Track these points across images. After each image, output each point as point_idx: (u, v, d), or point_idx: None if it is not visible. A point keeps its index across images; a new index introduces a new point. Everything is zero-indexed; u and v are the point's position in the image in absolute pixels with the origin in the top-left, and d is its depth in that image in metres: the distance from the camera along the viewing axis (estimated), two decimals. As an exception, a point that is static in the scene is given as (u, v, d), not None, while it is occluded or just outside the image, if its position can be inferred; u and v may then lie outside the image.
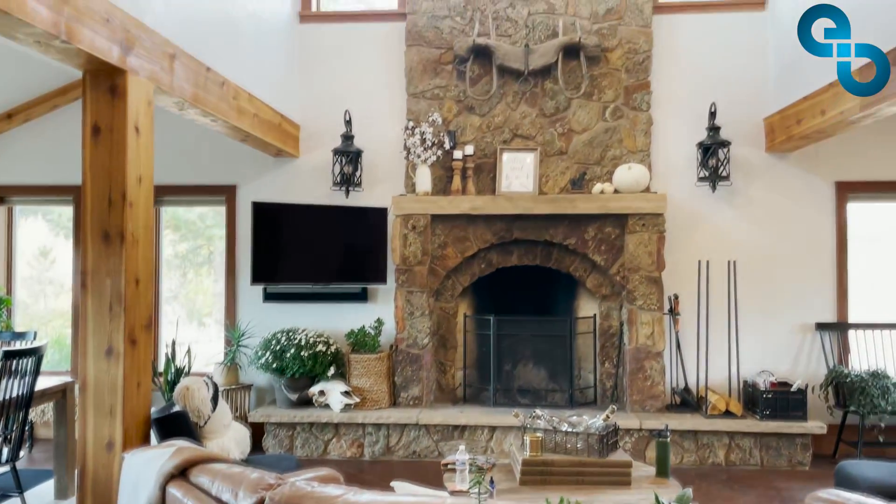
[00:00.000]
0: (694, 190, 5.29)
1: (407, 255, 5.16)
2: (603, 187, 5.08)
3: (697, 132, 5.25)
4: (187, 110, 3.87)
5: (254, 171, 5.63)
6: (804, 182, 5.29)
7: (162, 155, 5.37)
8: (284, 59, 5.33)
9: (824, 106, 4.29)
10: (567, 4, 5.28)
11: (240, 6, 4.46)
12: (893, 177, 5.23)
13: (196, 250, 6.12)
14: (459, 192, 5.18)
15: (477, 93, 5.30)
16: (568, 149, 5.29)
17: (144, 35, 3.24)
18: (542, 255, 5.31)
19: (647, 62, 5.25)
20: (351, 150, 5.32)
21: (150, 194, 3.36)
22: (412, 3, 5.38)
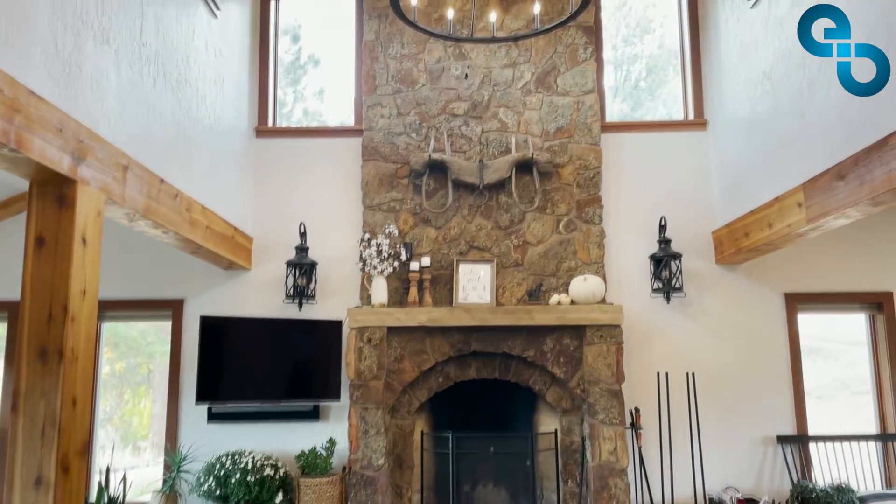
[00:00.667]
0: (649, 301, 5.33)
1: (362, 369, 4.98)
2: (560, 298, 5.07)
3: (649, 244, 5.35)
4: (138, 222, 3.75)
5: (204, 284, 5.46)
6: (755, 293, 5.39)
7: (107, 268, 5.23)
8: (239, 171, 5.31)
9: (771, 219, 4.44)
10: (519, 123, 5.45)
11: (196, 120, 4.45)
12: (840, 288, 5.38)
13: (135, 369, 5.81)
14: (416, 304, 5.09)
15: (433, 206, 5.33)
16: (524, 260, 5.30)
17: (98, 145, 3.16)
18: (501, 367, 5.20)
19: (597, 178, 5.40)
20: (305, 262, 5.23)
21: (93, 309, 3.18)
22: (369, 120, 5.48)
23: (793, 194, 4.12)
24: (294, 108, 6.09)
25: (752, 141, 4.75)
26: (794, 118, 4.11)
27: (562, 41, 5.53)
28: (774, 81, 4.38)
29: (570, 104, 5.46)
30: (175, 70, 4.10)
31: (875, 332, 5.44)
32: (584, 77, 5.49)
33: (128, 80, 3.51)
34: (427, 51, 5.55)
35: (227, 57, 5.07)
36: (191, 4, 4.38)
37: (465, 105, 5.47)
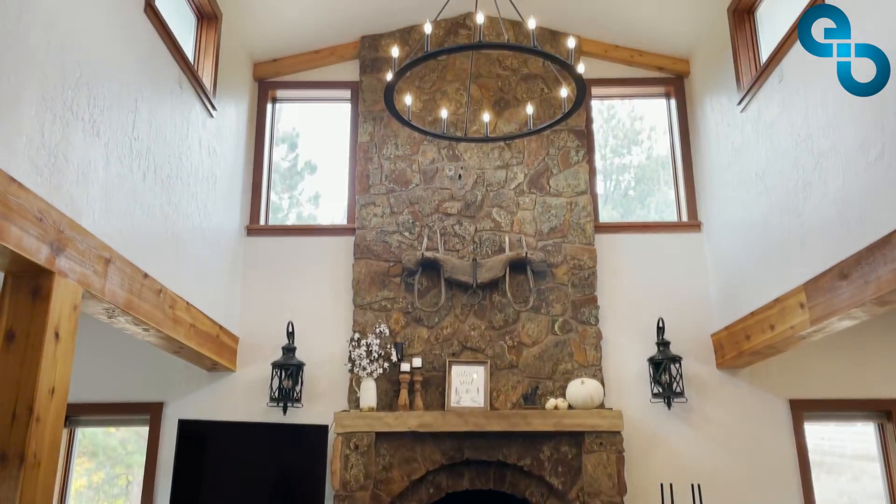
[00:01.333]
0: (649, 407, 5.12)
1: (348, 479, 4.69)
2: (556, 402, 4.86)
3: (648, 347, 5.20)
4: (118, 318, 3.60)
5: (185, 386, 5.23)
6: (758, 400, 5.18)
7: (81, 367, 5.01)
8: (228, 269, 5.20)
9: (772, 321, 4.32)
10: (512, 223, 5.42)
11: (185, 216, 4.39)
12: (847, 395, 5.18)
13: (113, 480, 5.48)
14: (406, 408, 4.86)
15: (425, 305, 5.21)
16: (519, 362, 5.13)
17: (79, 237, 3.06)
18: (496, 478, 4.91)
19: (592, 278, 5.31)
20: (292, 363, 5.04)
21: (61, 409, 2.99)
22: (361, 219, 5.45)
23: (794, 295, 4.03)
24: (289, 214, 6.07)
25: (749, 242, 4.71)
26: (791, 218, 4.08)
27: (554, 144, 5.59)
28: (768, 182, 4.38)
29: (564, 205, 5.45)
30: (166, 165, 4.08)
31: (886, 443, 5.19)
32: (577, 179, 5.52)
33: (116, 172, 3.46)
34: (421, 152, 5.59)
35: (221, 156, 5.08)
36: (186, 103, 4.41)
37: (459, 205, 5.45)
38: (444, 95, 5.68)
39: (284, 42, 5.75)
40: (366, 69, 5.81)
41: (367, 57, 5.83)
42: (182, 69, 4.31)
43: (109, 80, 3.40)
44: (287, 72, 5.95)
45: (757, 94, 4.54)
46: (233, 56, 5.34)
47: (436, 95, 5.69)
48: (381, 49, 5.83)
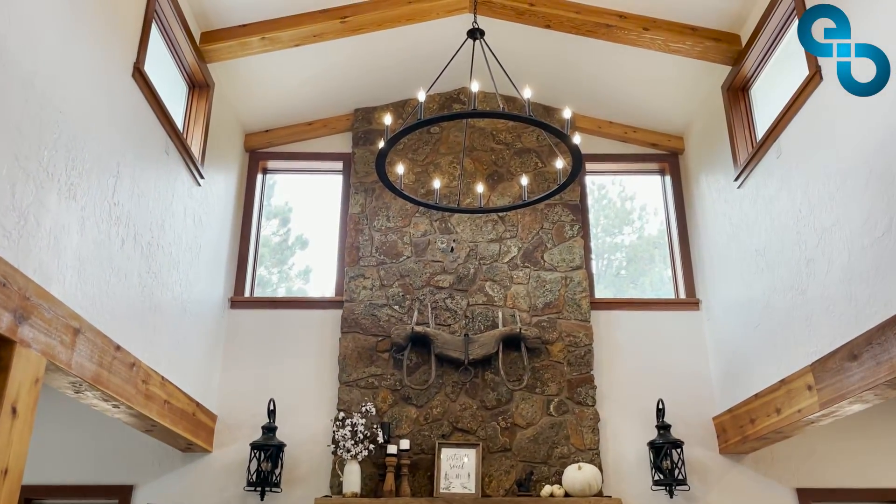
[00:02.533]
0: (651, 495, 4.82)
1: (328, 572, 4.35)
2: (553, 490, 4.58)
3: (647, 430, 4.95)
4: (85, 393, 3.36)
5: (157, 468, 4.91)
6: (764, 489, 4.89)
7: (44, 446, 4.73)
8: (208, 343, 4.98)
9: (778, 404, 4.11)
10: (506, 297, 5.26)
11: (165, 286, 4.21)
12: (856, 484, 4.90)
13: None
14: (392, 494, 4.56)
15: (414, 382, 4.97)
16: (512, 445, 4.86)
17: (46, 304, 2.87)
18: (487, 571, 4.57)
19: (588, 356, 5.12)
20: (272, 443, 4.75)
21: (14, 492, 2.71)
22: (350, 292, 5.27)
23: (801, 376, 3.83)
24: (278, 289, 5.90)
25: (751, 320, 4.54)
26: (794, 295, 3.93)
27: (548, 217, 5.49)
28: (769, 259, 4.26)
29: (558, 279, 5.31)
30: (147, 233, 3.92)
31: (899, 534, 4.90)
32: (572, 253, 5.39)
33: (92, 238, 3.30)
34: (413, 224, 5.48)
35: (207, 225, 4.94)
36: (172, 170, 4.30)
37: (451, 278, 5.30)
38: (437, 168, 5.62)
39: (277, 113, 5.71)
40: (358, 141, 5.76)
41: (360, 129, 5.79)
42: (169, 136, 4.21)
43: (90, 142, 3.28)
44: (279, 143, 5.89)
45: (754, 170, 4.47)
46: (224, 125, 5.28)
47: (428, 168, 5.62)
48: (374, 121, 5.80)
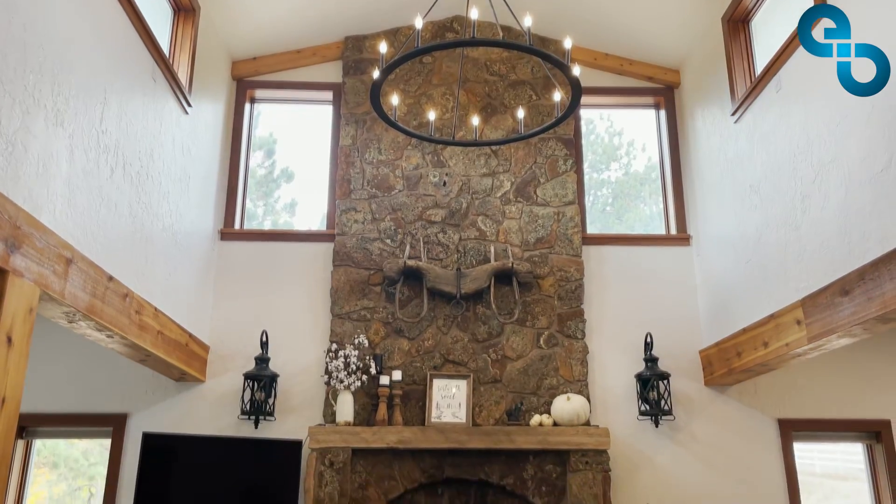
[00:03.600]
0: (636, 425, 4.95)
1: (322, 497, 4.45)
2: (541, 419, 4.68)
3: (635, 363, 5.04)
4: (79, 323, 3.35)
5: (150, 397, 4.96)
6: (746, 419, 5.04)
7: (40, 376, 4.76)
8: (199, 274, 4.95)
9: (766, 338, 4.18)
10: (498, 232, 5.25)
11: (156, 217, 4.15)
12: (836, 415, 5.05)
13: (75, 492, 5.18)
14: (385, 423, 4.64)
15: (406, 315, 5.00)
16: (502, 376, 4.94)
17: (37, 233, 2.82)
18: (477, 497, 4.70)
19: (579, 291, 5.15)
20: (265, 374, 4.80)
21: (12, 420, 2.73)
22: (341, 225, 5.24)
23: (790, 311, 3.89)
24: (264, 222, 5.83)
25: (741, 256, 4.58)
26: (788, 231, 3.95)
27: (542, 152, 5.44)
28: (763, 195, 4.26)
29: (551, 215, 5.29)
30: (136, 162, 3.84)
31: (874, 464, 5.08)
32: (565, 188, 5.36)
33: (81, 166, 3.23)
34: (405, 157, 5.40)
35: (196, 156, 4.85)
36: (159, 97, 4.18)
37: (443, 212, 5.27)
38: (430, 100, 5.51)
39: (265, 40, 5.54)
40: (349, 70, 5.62)
41: (351, 58, 5.65)
42: (156, 61, 4.08)
43: (76, 67, 3.17)
44: (267, 71, 5.73)
45: (752, 104, 4.42)
46: (210, 52, 5.12)
47: (421, 99, 5.51)
48: (365, 50, 5.64)
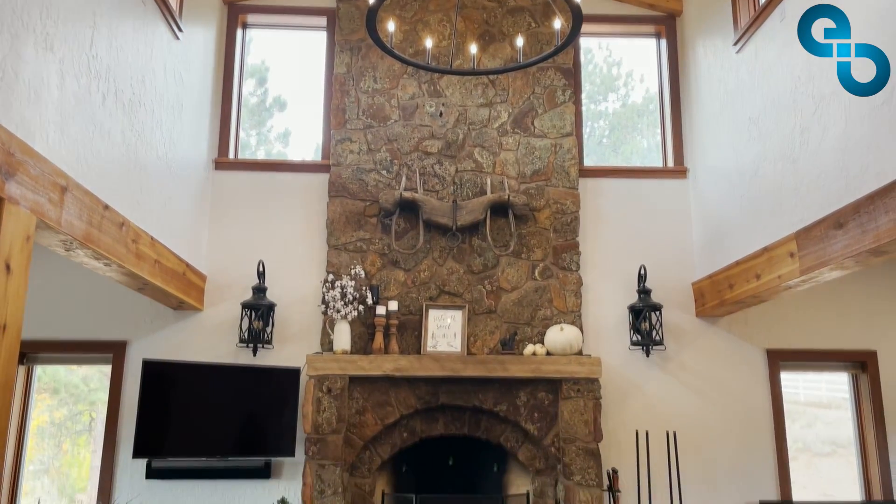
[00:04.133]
0: (628, 354, 5.06)
1: (320, 422, 4.57)
2: (535, 349, 4.77)
3: (628, 294, 5.11)
4: (76, 251, 3.35)
5: (149, 325, 5.02)
6: (736, 349, 5.15)
7: (39, 304, 4.80)
8: (195, 204, 4.94)
9: (758, 270, 4.23)
10: (494, 164, 5.22)
11: (149, 145, 4.11)
12: (823, 346, 5.17)
13: (76, 417, 5.29)
14: (381, 351, 4.73)
15: (402, 247, 5.02)
16: (497, 307, 5.00)
17: (31, 161, 2.79)
18: (471, 423, 4.83)
19: (574, 223, 5.17)
20: (262, 303, 4.85)
21: (14, 347, 2.76)
22: (337, 156, 5.19)
23: (784, 244, 3.92)
24: (257, 152, 5.77)
25: (737, 189, 4.58)
26: (785, 164, 3.95)
27: (540, 82, 5.36)
28: (762, 127, 4.23)
29: (548, 146, 5.26)
30: (128, 89, 3.77)
31: (858, 393, 5.23)
32: (563, 120, 5.31)
33: (73, 93, 3.17)
34: (401, 86, 5.32)
35: (188, 83, 4.76)
36: (149, 22, 4.07)
37: (439, 143, 5.22)
38: (427, 27, 5.39)
39: (257, -38, 5.37)
40: (344, -5, 5.47)
41: (346, -18, 5.49)
42: (145, -16, 3.96)
43: (64, -12, 3.07)
44: (259, -5, 5.58)
45: (755, 34, 4.34)
46: (201, -25, 4.96)
47: (417, 26, 5.39)
48: (360, -26, 5.48)
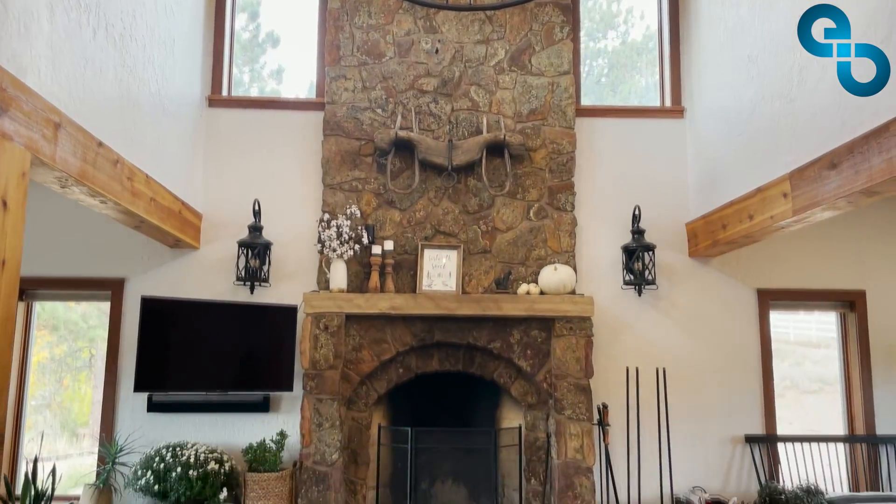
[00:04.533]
0: (620, 294, 5.13)
1: (317, 358, 4.66)
2: (529, 288, 4.83)
3: (622, 235, 5.15)
4: (71, 188, 3.36)
5: (146, 263, 5.06)
6: (727, 288, 5.23)
7: (38, 241, 4.83)
8: (189, 142, 4.91)
9: (752, 211, 4.25)
10: (491, 103, 5.18)
11: (142, 83, 4.06)
12: (813, 285, 5.25)
13: (75, 353, 5.38)
14: (377, 290, 4.78)
15: (398, 186, 5.03)
16: (492, 247, 5.04)
17: (24, 96, 2.77)
18: (465, 359, 4.93)
19: (570, 163, 5.16)
20: (258, 242, 4.88)
21: (14, 282, 2.80)
22: (331, 94, 5.14)
23: (778, 184, 3.94)
24: (250, 89, 5.70)
25: (734, 129, 4.57)
26: (782, 104, 3.93)
27: (538, 19, 5.27)
28: (761, 66, 4.19)
29: (545, 85, 5.21)
30: (119, 23, 3.71)
31: (846, 332, 5.33)
32: (560, 58, 5.24)
33: (63, 27, 3.12)
34: (396, 22, 5.23)
35: (180, 17, 4.67)
36: (139, -48, 3.97)
37: (435, 81, 5.17)
38: (422, -40, 5.26)
39: None
40: (337, -73, 5.32)
41: (339, -87, 5.33)
42: (133, -87, 3.85)
43: (49, -83, 2.99)
44: (250, -74, 5.42)
45: (757, -30, 4.26)
46: None
47: (413, -40, 5.26)
48: None
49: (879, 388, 5.16)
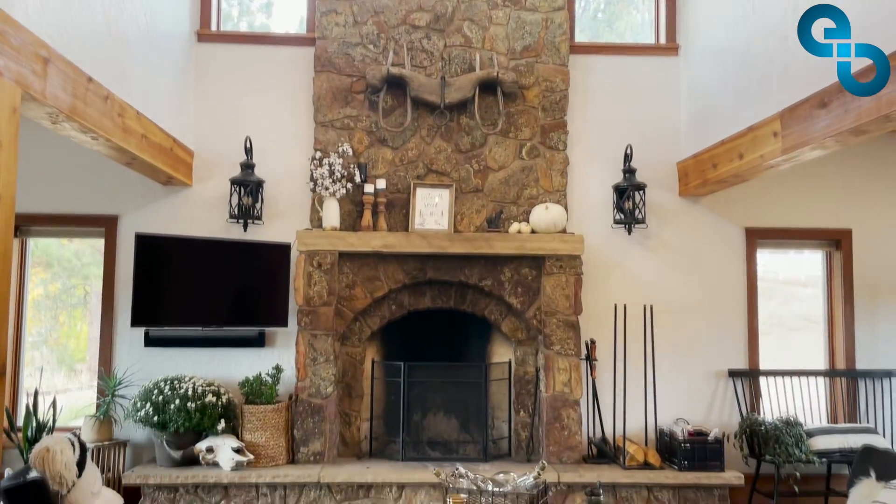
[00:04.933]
0: (610, 232, 5.19)
1: (311, 295, 4.73)
2: (520, 227, 4.88)
3: (613, 174, 5.17)
4: (62, 124, 3.35)
5: (139, 199, 5.07)
6: (715, 227, 5.29)
7: (32, 178, 4.83)
8: (179, 78, 4.87)
9: (742, 150, 4.28)
10: (484, 39, 5.13)
11: (130, 17, 4.00)
12: (800, 224, 5.32)
13: (70, 290, 5.44)
14: (370, 229, 4.83)
15: (390, 124, 5.01)
16: (484, 186, 5.07)
17: (12, 30, 2.75)
18: (457, 297, 5.03)
19: (563, 102, 5.15)
20: (251, 179, 4.89)
21: (9, 217, 2.83)
22: (322, 29, 5.07)
23: (768, 123, 3.96)
24: (239, 24, 5.60)
25: (727, 67, 4.55)
26: (776, 42, 3.91)
27: (532, -48, 5.17)
28: (756, 3, 4.15)
29: (539, 21, 5.14)
30: (104, -46, 3.63)
31: (831, 270, 5.43)
32: (555, -8, 5.17)
33: (47, -42, 3.06)
34: (388, -46, 5.12)
35: (166, -52, 4.57)
36: None
37: (428, 16, 5.10)
38: None
39: None
40: None
41: None
42: None
43: None
44: None
45: None
46: None
47: None
48: None
49: (861, 325, 5.29)
